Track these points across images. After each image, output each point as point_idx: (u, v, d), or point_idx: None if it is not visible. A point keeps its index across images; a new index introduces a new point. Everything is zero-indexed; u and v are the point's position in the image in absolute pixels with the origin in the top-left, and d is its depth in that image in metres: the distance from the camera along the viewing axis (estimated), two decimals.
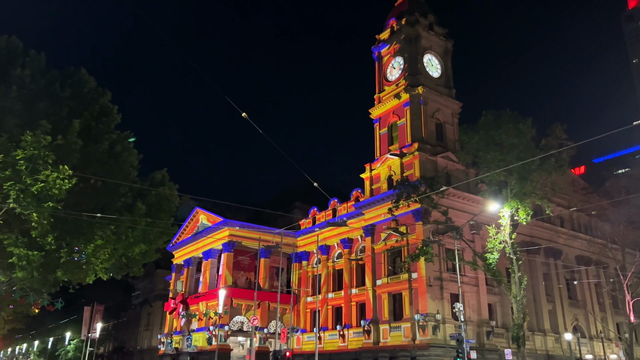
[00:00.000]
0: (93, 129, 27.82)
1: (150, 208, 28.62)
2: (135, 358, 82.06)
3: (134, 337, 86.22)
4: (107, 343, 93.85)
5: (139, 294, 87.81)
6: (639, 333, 58.76)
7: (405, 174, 45.82)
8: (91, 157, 27.16)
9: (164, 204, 29.55)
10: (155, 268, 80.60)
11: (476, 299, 44.67)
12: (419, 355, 40.05)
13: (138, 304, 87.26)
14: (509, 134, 37.32)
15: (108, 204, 27.38)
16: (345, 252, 52.65)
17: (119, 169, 28.10)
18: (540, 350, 48.54)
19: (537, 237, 51.98)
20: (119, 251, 27.84)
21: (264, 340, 52.82)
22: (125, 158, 28.63)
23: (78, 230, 26.15)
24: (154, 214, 28.81)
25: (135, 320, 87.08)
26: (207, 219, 58.63)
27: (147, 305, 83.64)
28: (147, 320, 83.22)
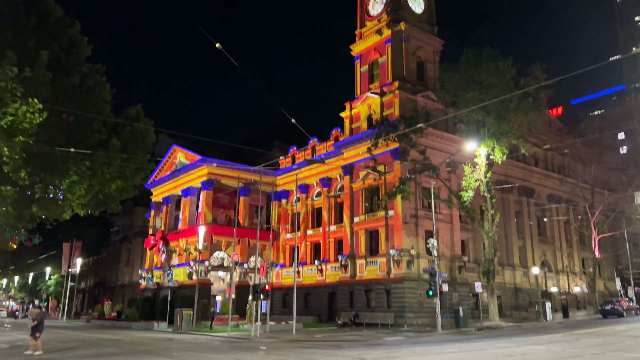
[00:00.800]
0: (62, 61, 26.74)
1: (126, 144, 28.15)
2: (116, 293, 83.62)
3: (115, 272, 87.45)
4: (88, 278, 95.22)
5: (118, 231, 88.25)
6: (602, 267, 62.04)
7: (385, 113, 45.72)
8: (62, 91, 26.25)
9: (140, 140, 29.06)
10: (134, 205, 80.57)
11: (450, 235, 46.09)
12: (393, 287, 41.69)
13: (118, 241, 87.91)
14: (489, 73, 37.20)
15: (82, 139, 26.80)
16: (324, 190, 53.26)
17: (92, 104, 27.31)
18: (509, 284, 50.96)
19: (511, 177, 53.15)
20: (95, 187, 27.58)
21: (244, 275, 54.20)
22: (98, 92, 27.77)
23: (52, 166, 25.73)
24: (130, 150, 28.39)
25: (116, 257, 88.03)
26: (185, 156, 58.23)
27: (126, 242, 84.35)
28: (128, 256, 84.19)
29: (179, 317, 40.25)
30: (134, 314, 52.15)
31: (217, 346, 25.66)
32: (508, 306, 49.33)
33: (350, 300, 45.35)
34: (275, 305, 53.13)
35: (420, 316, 40.70)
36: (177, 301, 47.28)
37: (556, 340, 24.01)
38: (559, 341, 23.29)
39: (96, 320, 58.34)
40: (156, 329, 42.84)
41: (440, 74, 43.10)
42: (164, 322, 44.81)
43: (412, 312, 40.58)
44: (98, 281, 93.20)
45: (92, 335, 35.05)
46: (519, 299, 51.01)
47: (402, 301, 40.73)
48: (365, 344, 25.11)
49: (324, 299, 49.62)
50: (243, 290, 50.98)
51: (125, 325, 48.71)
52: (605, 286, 63.27)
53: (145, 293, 59.98)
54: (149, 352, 22.20)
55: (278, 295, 54.25)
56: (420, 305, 41.17)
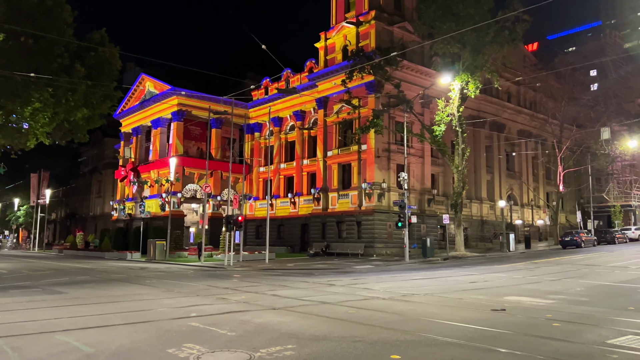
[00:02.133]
0: None
1: (90, 70, 27.08)
2: (88, 224, 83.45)
3: (86, 204, 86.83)
4: (58, 209, 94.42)
5: (88, 162, 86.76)
6: (565, 201, 64.49)
7: (360, 44, 44.78)
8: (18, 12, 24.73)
9: (105, 66, 27.97)
10: (103, 136, 78.88)
11: (420, 169, 46.80)
12: (364, 219, 42.66)
13: (88, 172, 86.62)
14: (467, 3, 36.38)
15: (43, 64, 25.63)
16: (297, 124, 52.81)
17: (52, 27, 25.88)
18: (476, 216, 52.71)
19: (483, 112, 53.57)
20: (60, 115, 26.74)
21: (217, 207, 54.45)
22: (58, 14, 26.25)
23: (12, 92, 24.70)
24: (95, 77, 27.37)
25: (86, 188, 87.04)
26: (155, 86, 56.46)
27: (97, 173, 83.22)
28: (98, 187, 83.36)
29: (152, 247, 40.58)
30: (106, 244, 52.35)
31: (190, 274, 26.15)
32: (474, 238, 51.23)
33: (322, 232, 46.34)
34: (248, 236, 53.98)
35: (389, 246, 41.98)
36: (150, 232, 47.49)
37: (517, 268, 25.25)
38: (520, 269, 24.51)
39: (68, 250, 58.46)
40: (129, 259, 43.25)
41: (417, 3, 42.00)
42: (137, 252, 45.19)
43: (381, 243, 41.78)
44: (69, 212, 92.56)
45: (64, 265, 35.22)
46: (484, 230, 52.96)
47: (372, 232, 41.81)
48: (335, 271, 25.94)
49: (296, 231, 50.58)
50: (216, 222, 51.40)
51: (98, 255, 49.02)
52: (566, 219, 66.19)
53: (117, 224, 59.94)
54: (121, 279, 22.50)
55: (252, 226, 55.00)
56: (389, 236, 42.36)
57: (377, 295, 14.90)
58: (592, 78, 72.78)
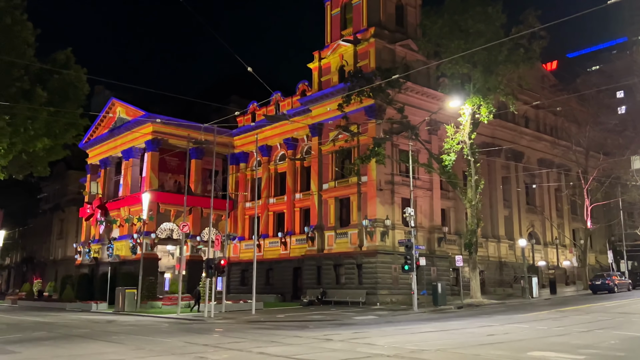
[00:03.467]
0: None
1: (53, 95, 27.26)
2: (48, 269, 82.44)
3: (46, 246, 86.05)
4: (13, 253, 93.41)
5: (49, 198, 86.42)
6: (594, 239, 64.44)
7: (359, 64, 45.41)
8: None
9: (70, 90, 28.17)
10: (67, 169, 78.85)
11: (429, 204, 46.83)
12: (365, 262, 42.35)
13: (48, 210, 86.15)
14: (476, 19, 37.09)
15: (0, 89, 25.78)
16: (289, 153, 53.06)
17: (11, 47, 26.17)
18: (493, 257, 52.49)
19: (498, 138, 54.07)
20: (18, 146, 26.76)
21: (196, 249, 54.04)
22: (18, 33, 26.57)
23: None
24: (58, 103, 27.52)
25: (46, 228, 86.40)
26: (127, 112, 56.81)
27: (59, 211, 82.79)
28: (60, 227, 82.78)
29: (121, 296, 40.00)
30: (68, 293, 51.58)
31: (165, 328, 25.69)
32: (491, 282, 50.91)
33: (318, 276, 45.93)
34: (232, 282, 53.42)
35: (394, 293, 41.59)
36: (119, 279, 46.91)
37: (541, 318, 24.98)
38: (545, 319, 24.25)
39: (24, 300, 57.48)
40: (94, 310, 42.53)
41: (421, 19, 42.83)
42: (103, 302, 44.50)
43: (385, 289, 41.42)
44: (26, 256, 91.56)
45: (19, 318, 34.59)
46: (503, 273, 52.67)
47: (375, 277, 41.46)
48: (333, 323, 25.57)
49: (287, 275, 50.14)
50: (196, 266, 50.77)
51: (58, 306, 48.19)
52: (596, 259, 65.98)
53: (81, 269, 59.27)
54: (84, 335, 22.07)
55: (236, 271, 54.50)
56: (394, 281, 42.03)
57: (382, 352, 14.65)
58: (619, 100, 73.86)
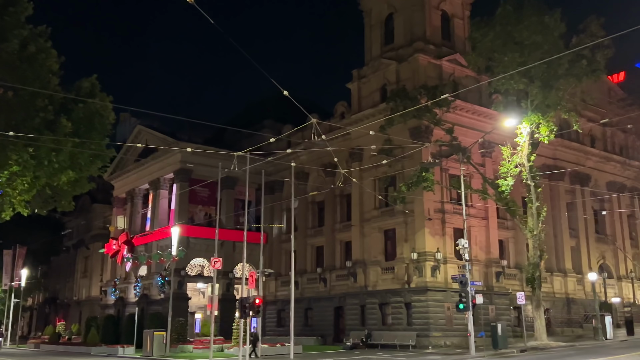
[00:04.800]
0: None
1: (78, 125, 28.19)
2: (71, 310, 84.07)
3: (69, 285, 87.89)
4: (36, 293, 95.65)
5: (72, 234, 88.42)
6: None
7: (402, 82, 45.58)
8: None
9: (96, 120, 29.13)
10: (91, 202, 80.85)
11: (485, 234, 46.14)
12: (415, 300, 41.85)
13: (72, 246, 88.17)
14: (532, 29, 36.93)
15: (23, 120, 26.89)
16: (327, 180, 53.16)
17: (35, 76, 27.31)
18: (559, 294, 51.09)
19: (561, 160, 53.12)
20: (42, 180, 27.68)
21: (229, 287, 54.40)
22: (42, 61, 27.75)
23: None
24: (83, 133, 28.45)
25: (70, 266, 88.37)
26: (154, 141, 58.17)
27: (83, 248, 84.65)
28: (84, 265, 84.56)
29: (149, 339, 40.46)
30: (93, 336, 52.47)
31: None
32: (558, 321, 49.56)
33: (362, 316, 45.59)
34: (268, 323, 53.39)
35: (448, 335, 40.92)
36: (146, 320, 47.54)
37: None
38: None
39: (47, 344, 58.77)
40: (121, 355, 43.17)
41: (471, 32, 42.87)
42: (130, 346, 45.08)
43: (438, 331, 40.78)
44: (48, 297, 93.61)
45: None
46: (571, 312, 51.18)
47: (426, 317, 40.93)
48: None
49: (328, 316, 49.85)
50: (228, 306, 51.20)
51: (83, 351, 49.10)
52: None
53: (107, 310, 60.29)
54: None
55: (272, 311, 54.49)
56: (448, 322, 41.36)
57: None
58: None
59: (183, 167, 54.37)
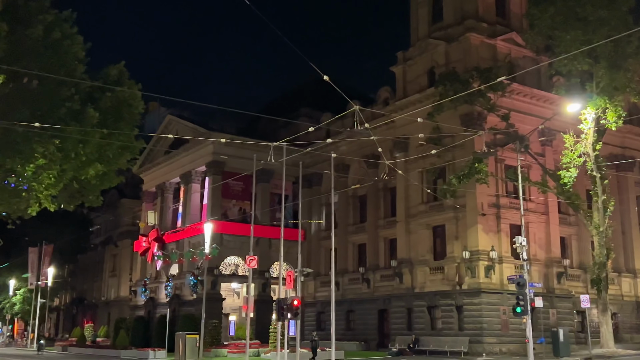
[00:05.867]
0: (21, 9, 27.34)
1: (106, 115, 28.62)
2: (99, 311, 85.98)
3: (97, 285, 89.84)
4: (62, 293, 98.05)
5: (100, 231, 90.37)
6: None
7: (452, 65, 45.18)
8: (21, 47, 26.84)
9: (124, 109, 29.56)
10: (120, 197, 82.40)
11: (544, 231, 45.60)
12: (467, 302, 41.65)
13: (99, 244, 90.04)
14: (597, 4, 36.40)
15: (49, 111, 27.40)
16: (370, 172, 53.01)
17: (60, 63, 27.82)
18: (628, 296, 50.21)
19: (630, 148, 52.16)
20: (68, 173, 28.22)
21: (265, 287, 54.82)
22: (67, 48, 28.22)
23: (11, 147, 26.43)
24: (111, 124, 28.88)
25: (98, 264, 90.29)
26: (185, 131, 58.85)
27: (111, 245, 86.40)
28: (113, 264, 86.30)
29: (182, 343, 41.01)
30: (123, 339, 53.55)
31: None
32: (627, 327, 48.84)
33: (408, 320, 45.57)
34: (307, 326, 53.61)
35: (504, 341, 40.66)
36: (178, 322, 48.32)
37: None
38: None
39: (75, 347, 60.21)
40: (152, 359, 43.89)
41: (528, 8, 42.31)
42: (161, 349, 45.88)
43: (493, 336, 40.55)
44: (76, 297, 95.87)
45: None
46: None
47: (479, 321, 40.75)
48: None
49: (371, 319, 49.91)
50: (264, 307, 51.68)
51: (112, 354, 50.14)
52: None
53: (136, 312, 61.50)
54: None
55: (310, 313, 54.74)
56: (504, 327, 41.04)
57: None
58: None
59: (216, 159, 54.92)
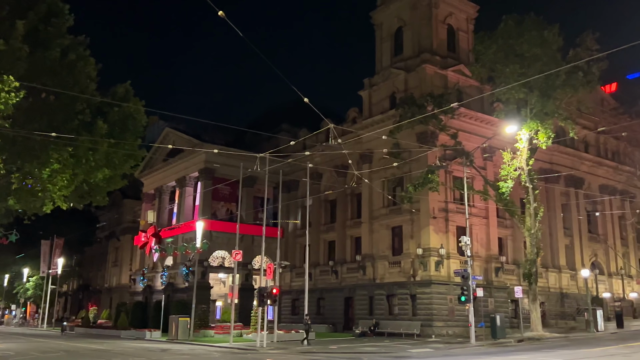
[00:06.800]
0: (41, 33, 27.01)
1: (113, 127, 28.48)
2: (103, 297, 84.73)
3: (101, 274, 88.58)
4: (70, 280, 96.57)
5: (105, 227, 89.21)
6: None
7: (410, 91, 45.47)
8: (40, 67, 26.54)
9: (129, 122, 29.38)
10: (123, 197, 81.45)
11: (485, 232, 45.96)
12: (419, 292, 41.76)
13: (104, 238, 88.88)
14: (532, 43, 36.84)
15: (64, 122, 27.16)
16: (340, 180, 53.15)
17: (74, 81, 27.57)
18: (554, 288, 50.78)
19: (557, 164, 52.82)
20: (79, 177, 27.95)
21: (248, 277, 54.58)
22: (81, 68, 27.99)
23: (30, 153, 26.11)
24: (118, 134, 28.72)
25: (102, 256, 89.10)
26: (180, 141, 58.44)
27: (114, 239, 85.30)
28: (115, 255, 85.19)
29: (175, 324, 40.70)
30: (123, 320, 52.86)
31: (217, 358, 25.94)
32: (553, 314, 49.26)
33: (370, 307, 45.55)
34: (283, 311, 53.46)
35: (450, 325, 40.78)
36: (172, 307, 47.83)
37: (610, 353, 23.94)
38: (613, 354, 23.23)
39: (81, 327, 59.24)
40: (148, 338, 43.38)
41: (474, 44, 42.69)
42: (157, 330, 45.35)
43: (441, 321, 40.68)
44: (82, 284, 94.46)
45: (76, 345, 35.65)
46: (565, 305, 50.85)
47: (430, 308, 40.83)
48: (387, 356, 25.22)
49: (339, 305, 49.87)
50: (246, 295, 51.41)
51: (113, 334, 49.44)
52: None
53: (135, 297, 60.70)
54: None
55: (287, 300, 54.59)
56: (450, 313, 41.23)
57: None
58: None
59: (207, 167, 54.63)
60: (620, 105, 61.78)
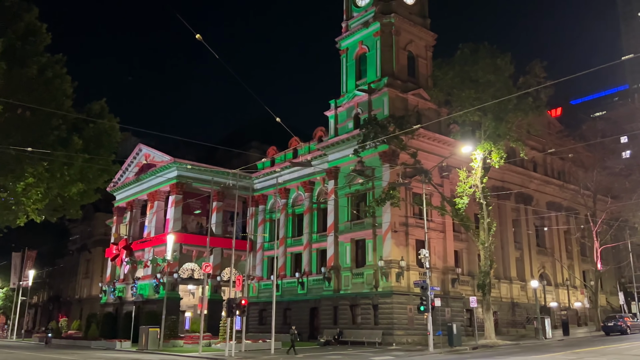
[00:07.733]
0: (18, 51, 26.50)
1: (88, 143, 27.99)
2: (73, 308, 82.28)
3: (72, 285, 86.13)
4: (41, 292, 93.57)
5: (77, 239, 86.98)
6: (604, 280, 63.23)
7: (373, 112, 45.91)
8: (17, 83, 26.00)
9: (104, 138, 28.93)
10: (95, 211, 79.58)
11: (442, 245, 46.39)
12: (381, 302, 41.79)
13: (75, 250, 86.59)
14: (486, 70, 37.70)
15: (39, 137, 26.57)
16: (306, 196, 53.23)
17: (51, 98, 27.06)
18: (506, 298, 51.55)
19: (508, 182, 53.87)
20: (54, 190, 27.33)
21: (217, 289, 53.85)
22: (58, 85, 27.51)
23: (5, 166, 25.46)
24: (93, 150, 28.24)
25: (73, 268, 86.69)
26: (152, 157, 57.69)
27: (85, 252, 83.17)
28: (86, 267, 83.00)
29: (145, 335, 39.82)
30: (93, 331, 51.40)
31: None
32: (505, 322, 49.85)
33: (334, 316, 45.33)
34: (251, 321, 52.82)
35: (410, 334, 40.84)
36: (142, 317, 46.74)
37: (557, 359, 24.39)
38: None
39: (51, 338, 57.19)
40: (119, 349, 42.31)
41: (433, 70, 43.55)
42: (127, 340, 44.28)
43: (401, 330, 40.70)
44: (53, 295, 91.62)
45: (47, 356, 34.47)
46: (516, 314, 51.61)
47: (391, 317, 40.83)
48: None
49: (305, 315, 49.53)
50: (215, 306, 50.67)
51: (84, 344, 48.02)
52: (607, 301, 64.49)
53: (106, 308, 59.12)
54: None
55: (254, 310, 53.95)
56: (410, 322, 41.33)
57: None
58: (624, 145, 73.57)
59: (179, 181, 53.94)
60: (565, 128, 63.82)
